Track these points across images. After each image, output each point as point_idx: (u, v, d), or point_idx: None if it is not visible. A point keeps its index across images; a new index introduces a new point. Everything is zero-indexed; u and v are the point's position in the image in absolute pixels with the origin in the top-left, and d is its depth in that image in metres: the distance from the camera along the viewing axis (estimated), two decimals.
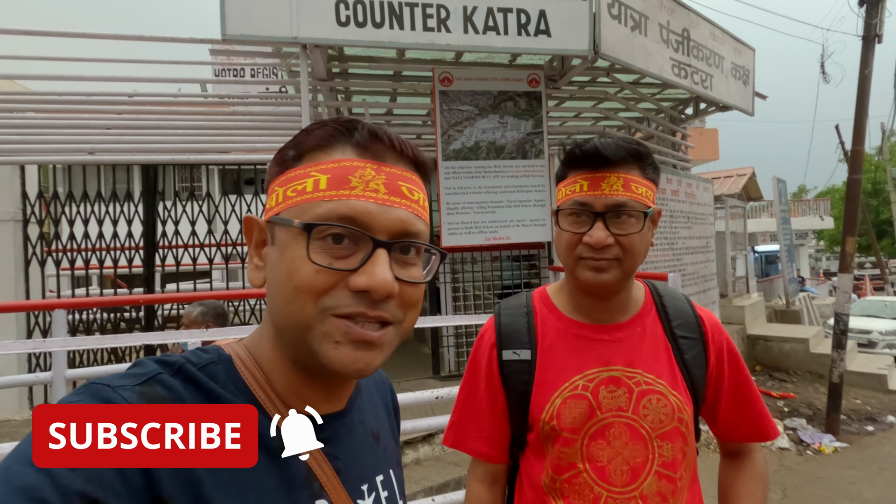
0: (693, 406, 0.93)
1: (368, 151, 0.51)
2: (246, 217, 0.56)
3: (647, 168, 0.90)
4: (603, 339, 0.93)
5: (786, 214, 10.68)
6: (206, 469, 0.44)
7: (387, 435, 0.66)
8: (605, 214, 0.86)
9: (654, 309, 0.98)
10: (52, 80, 4.02)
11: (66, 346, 1.73)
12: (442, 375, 4.62)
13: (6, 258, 3.92)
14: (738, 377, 0.99)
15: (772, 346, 7.27)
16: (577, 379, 0.90)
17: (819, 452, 4.52)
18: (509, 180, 4.23)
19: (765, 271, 16.84)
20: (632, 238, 0.86)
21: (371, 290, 0.48)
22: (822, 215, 21.84)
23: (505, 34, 3.54)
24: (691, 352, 0.95)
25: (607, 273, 0.87)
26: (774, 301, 10.64)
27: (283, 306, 0.50)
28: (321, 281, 0.48)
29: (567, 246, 0.90)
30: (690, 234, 5.33)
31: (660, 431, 0.88)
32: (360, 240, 0.49)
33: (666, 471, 0.88)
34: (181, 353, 0.52)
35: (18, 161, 3.64)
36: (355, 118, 0.54)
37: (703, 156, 12.03)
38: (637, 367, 0.91)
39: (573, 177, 0.90)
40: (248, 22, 3.19)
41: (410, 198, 0.52)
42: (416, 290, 0.53)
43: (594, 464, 0.87)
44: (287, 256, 0.49)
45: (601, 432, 0.88)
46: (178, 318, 4.91)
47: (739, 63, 5.37)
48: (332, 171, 0.50)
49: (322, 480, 0.52)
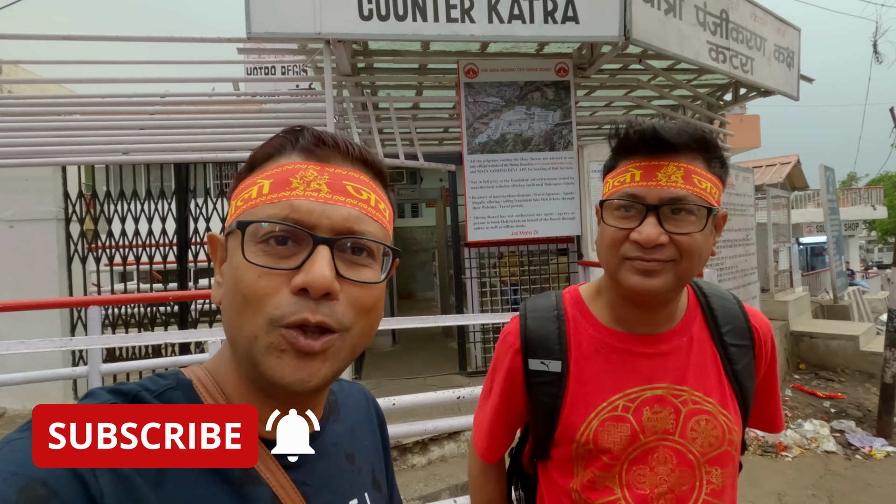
0: (742, 424, 0.84)
1: (314, 154, 0.50)
2: (209, 235, 0.55)
3: (714, 161, 0.78)
4: (646, 352, 0.81)
5: (833, 204, 10.11)
6: (164, 503, 0.42)
7: (364, 456, 0.63)
8: (658, 209, 0.73)
9: (700, 312, 0.86)
10: (89, 82, 4.16)
11: (92, 344, 1.79)
12: (469, 371, 4.58)
13: (50, 255, 4.10)
14: (770, 375, 0.90)
15: (817, 344, 6.91)
16: (617, 399, 0.80)
17: (869, 457, 4.26)
18: (537, 173, 4.14)
19: (811, 264, 16.07)
20: (693, 237, 0.73)
21: (308, 286, 0.45)
22: (875, 204, 20.63)
23: (531, 22, 3.44)
24: (742, 361, 0.84)
25: (657, 278, 0.74)
26: (821, 296, 10.12)
27: (233, 317, 0.48)
28: (264, 285, 0.46)
29: (611, 244, 0.77)
30: (729, 227, 5.10)
31: (709, 456, 0.79)
32: (302, 239, 0.48)
33: (714, 499, 0.79)
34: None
35: (60, 162, 3.79)
36: (304, 126, 0.52)
37: (743, 144, 11.51)
38: (684, 385, 0.80)
39: (624, 165, 0.78)
40: (272, 19, 3.21)
41: (358, 197, 0.50)
42: (367, 292, 0.50)
43: (634, 491, 0.78)
44: (233, 265, 0.48)
45: (643, 457, 0.79)
46: (213, 314, 5.05)
47: (783, 44, 5.07)
48: (275, 176, 0.49)
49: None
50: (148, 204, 4.43)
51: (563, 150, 4.18)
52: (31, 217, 4.09)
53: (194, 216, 4.56)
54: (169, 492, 0.43)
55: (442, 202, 7.77)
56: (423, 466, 3.21)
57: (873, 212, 20.61)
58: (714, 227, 0.79)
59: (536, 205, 4.14)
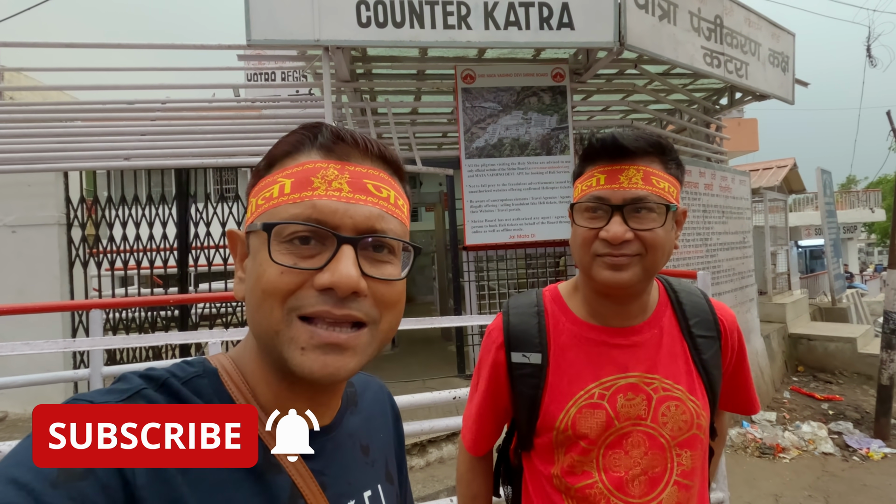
0: (710, 409, 0.89)
1: (333, 153, 0.51)
2: (228, 231, 0.56)
3: (670, 162, 0.84)
4: (619, 343, 0.88)
5: (831, 207, 10.15)
6: (189, 490, 0.44)
7: (378, 448, 0.64)
8: (623, 208, 0.80)
9: (670, 307, 0.93)
10: (91, 89, 4.20)
11: (95, 345, 1.82)
12: (467, 374, 4.61)
13: (52, 260, 4.14)
14: (741, 362, 0.97)
15: (815, 346, 6.93)
16: (593, 387, 0.86)
17: (867, 458, 4.28)
18: (534, 177, 4.17)
19: (809, 267, 16.09)
20: (655, 232, 0.80)
21: (334, 286, 0.47)
22: (873, 207, 20.66)
23: (527, 29, 3.48)
24: (709, 352, 0.90)
25: (626, 271, 0.80)
26: (819, 298, 10.14)
27: (254, 312, 0.49)
28: (286, 282, 0.47)
29: (582, 243, 0.84)
30: (725, 230, 5.13)
31: (679, 439, 0.85)
32: (326, 239, 0.48)
33: (684, 480, 0.85)
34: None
35: (62, 168, 3.83)
36: (322, 122, 0.53)
37: (740, 147, 11.54)
38: (655, 373, 0.86)
39: (590, 171, 0.85)
40: (271, 26, 3.25)
41: (378, 195, 0.51)
42: (390, 288, 0.51)
43: (610, 474, 0.84)
44: (257, 262, 0.49)
45: (618, 442, 0.84)
46: (213, 317, 5.08)
47: (778, 49, 5.12)
48: (296, 175, 0.50)
49: (307, 497, 0.51)
50: (149, 209, 4.47)
51: (559, 154, 4.22)
52: (34, 222, 4.13)
53: (195, 221, 4.59)
54: (196, 473, 0.45)
55: (440, 206, 7.81)
56: (421, 468, 3.23)
57: (872, 214, 20.64)
58: (675, 223, 0.86)
59: (534, 208, 4.17)
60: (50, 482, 0.38)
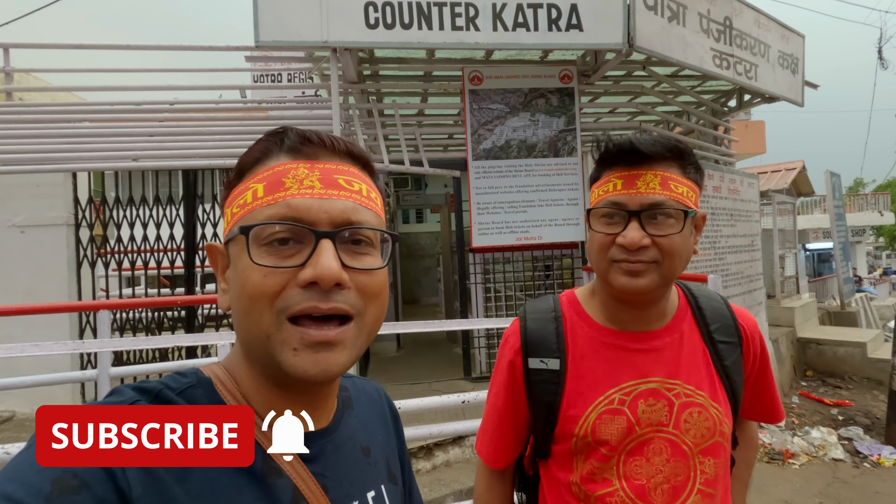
0: (732, 417, 0.87)
1: (301, 153, 0.52)
2: (207, 245, 0.57)
3: (689, 167, 0.83)
4: (639, 348, 0.86)
5: (840, 210, 10.06)
6: (188, 501, 0.44)
7: (379, 449, 0.65)
8: (640, 214, 0.79)
9: (690, 312, 0.91)
10: (99, 90, 4.22)
11: (104, 347, 1.81)
12: (473, 377, 4.58)
13: (59, 260, 4.15)
14: (763, 369, 0.94)
15: (825, 351, 6.86)
16: (613, 392, 0.84)
17: (878, 465, 4.22)
18: (541, 179, 4.16)
19: (817, 270, 15.96)
20: (672, 239, 0.79)
21: (317, 279, 0.47)
22: (882, 210, 20.49)
23: (535, 30, 3.47)
24: (730, 357, 0.89)
25: (643, 277, 0.79)
26: (828, 302, 10.05)
27: (242, 318, 0.49)
28: (270, 283, 0.47)
29: (599, 248, 0.83)
30: (734, 233, 5.09)
31: (702, 447, 0.83)
32: (304, 236, 0.49)
33: (708, 488, 0.83)
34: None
35: (70, 168, 3.84)
36: (287, 127, 0.54)
37: (748, 149, 11.47)
38: (677, 378, 0.85)
39: (607, 176, 0.84)
40: (280, 28, 3.25)
41: (350, 189, 0.52)
42: (372, 278, 0.52)
43: (632, 482, 0.82)
44: (239, 269, 0.50)
45: (639, 448, 0.82)
46: (219, 318, 5.08)
47: (787, 51, 5.08)
48: (267, 178, 0.50)
49: (309, 499, 0.51)
50: (156, 210, 4.48)
51: (567, 156, 4.20)
52: (42, 222, 4.14)
53: (202, 222, 4.60)
54: (193, 484, 0.45)
55: (446, 208, 7.80)
56: (427, 472, 3.22)
57: (881, 217, 20.47)
58: (694, 228, 0.84)
59: (541, 210, 4.15)
60: (44, 497, 0.38)
